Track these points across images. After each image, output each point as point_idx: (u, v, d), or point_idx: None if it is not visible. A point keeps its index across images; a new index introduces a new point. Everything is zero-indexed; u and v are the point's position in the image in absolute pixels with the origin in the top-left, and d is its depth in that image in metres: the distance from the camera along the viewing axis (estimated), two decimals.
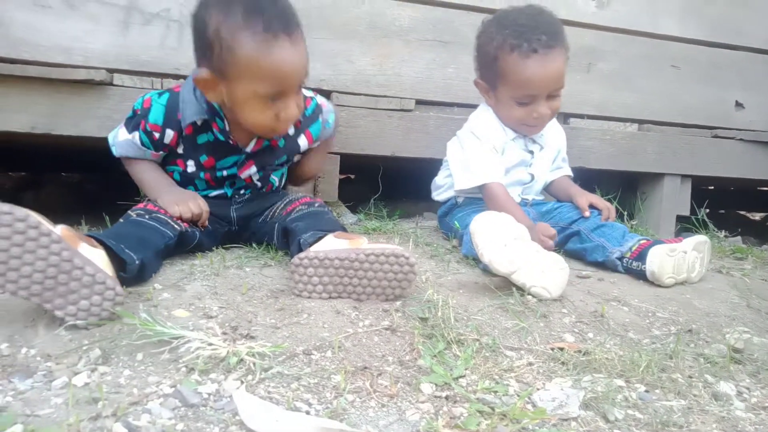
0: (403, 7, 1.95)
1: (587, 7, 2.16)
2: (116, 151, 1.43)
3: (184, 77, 1.72)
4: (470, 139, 1.68)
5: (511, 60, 1.56)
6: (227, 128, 1.34)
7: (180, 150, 1.40)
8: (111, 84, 1.65)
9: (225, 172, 1.43)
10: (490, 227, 1.22)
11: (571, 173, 1.89)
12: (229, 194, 1.48)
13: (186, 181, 1.46)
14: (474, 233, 1.22)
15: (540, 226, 1.49)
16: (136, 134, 1.36)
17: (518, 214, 1.53)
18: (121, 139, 1.40)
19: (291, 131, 1.45)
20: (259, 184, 1.50)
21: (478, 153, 1.65)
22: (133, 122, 1.37)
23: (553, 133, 1.83)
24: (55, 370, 0.81)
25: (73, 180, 3.19)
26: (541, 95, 1.60)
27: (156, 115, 1.33)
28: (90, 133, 1.62)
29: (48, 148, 2.33)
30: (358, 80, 1.92)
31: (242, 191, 1.49)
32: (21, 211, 0.89)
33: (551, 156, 1.83)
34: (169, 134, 1.35)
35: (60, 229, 0.95)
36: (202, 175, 1.44)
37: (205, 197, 1.41)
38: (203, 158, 1.40)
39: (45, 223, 0.92)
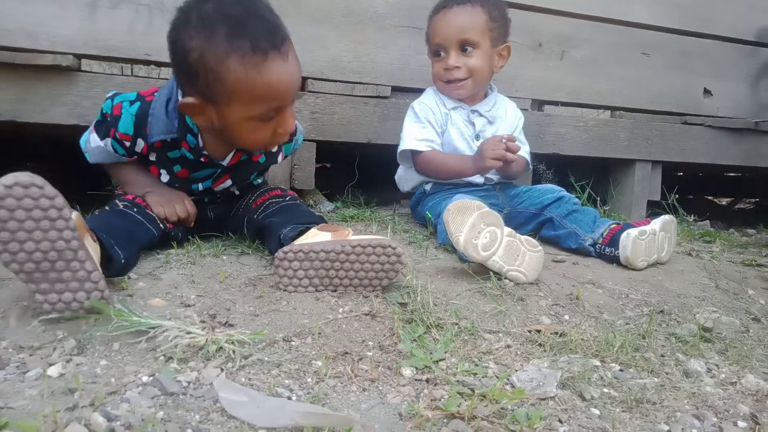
0: None
1: None
2: (90, 158, 1.35)
3: (155, 63, 1.68)
4: (408, 114, 1.78)
5: (433, 17, 1.72)
6: (200, 145, 1.26)
7: (152, 158, 1.31)
8: (79, 70, 1.60)
9: (200, 186, 1.36)
10: (462, 215, 1.23)
11: (526, 156, 1.83)
12: (206, 200, 1.44)
13: None
14: (447, 222, 1.23)
15: (484, 144, 1.57)
16: (108, 141, 1.28)
17: (457, 159, 1.67)
18: (94, 146, 1.32)
19: (274, 148, 1.39)
20: (237, 193, 1.46)
21: (408, 123, 1.75)
22: (104, 128, 1.28)
23: (508, 111, 1.84)
24: (28, 361, 0.79)
25: (41, 169, 3.10)
26: (448, 46, 1.68)
27: (126, 125, 1.24)
28: (58, 121, 1.58)
29: (13, 137, 2.26)
30: (333, 66, 1.91)
31: (219, 197, 1.45)
32: (51, 190, 0.85)
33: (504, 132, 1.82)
34: (140, 144, 1.26)
35: (75, 215, 0.91)
36: (177, 185, 1.36)
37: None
38: (177, 168, 1.32)
39: (67, 208, 0.87)
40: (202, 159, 1.29)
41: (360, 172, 2.10)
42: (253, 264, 1.25)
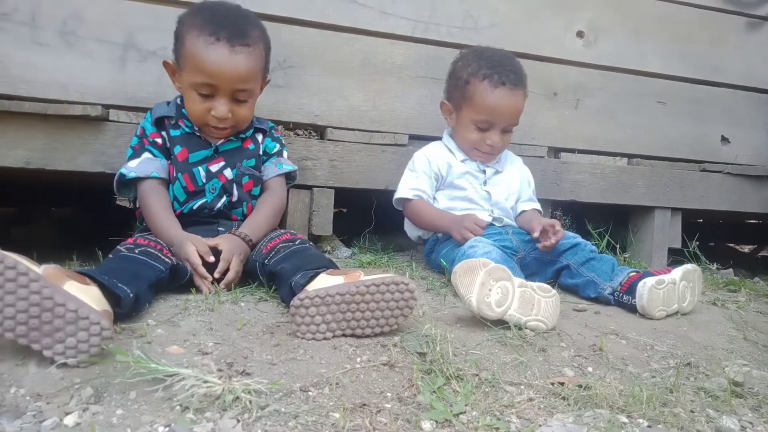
0: (395, 45, 2.00)
1: (575, 45, 2.22)
2: (135, 173, 1.45)
3: None
4: (406, 170, 1.85)
5: (481, 86, 1.73)
6: (195, 127, 1.50)
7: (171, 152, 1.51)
8: (107, 120, 1.66)
9: (200, 169, 1.50)
10: (470, 276, 1.21)
11: (539, 208, 1.93)
12: (210, 200, 1.50)
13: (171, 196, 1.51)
14: (456, 286, 1.22)
15: (466, 219, 1.61)
16: (146, 152, 1.48)
17: (438, 214, 1.73)
18: (134, 165, 1.46)
19: (259, 138, 1.62)
20: (234, 189, 1.53)
21: (404, 177, 1.83)
22: (138, 149, 1.49)
23: (514, 165, 1.93)
24: (45, 410, 0.79)
25: (64, 215, 3.17)
26: (498, 124, 1.74)
27: (149, 127, 1.51)
28: (84, 168, 1.63)
29: (40, 183, 2.33)
30: (352, 116, 1.95)
31: (223, 199, 1.52)
32: (10, 260, 0.89)
33: (510, 186, 1.86)
34: (164, 136, 1.50)
35: (43, 269, 0.95)
36: (181, 176, 1.48)
37: (189, 214, 1.49)
38: (177, 149, 1.49)
39: (23, 262, 0.91)
40: (197, 134, 1.51)
41: (376, 218, 2.11)
42: (270, 311, 1.25)
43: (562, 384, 1.01)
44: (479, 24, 2.08)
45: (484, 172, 1.83)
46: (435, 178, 1.81)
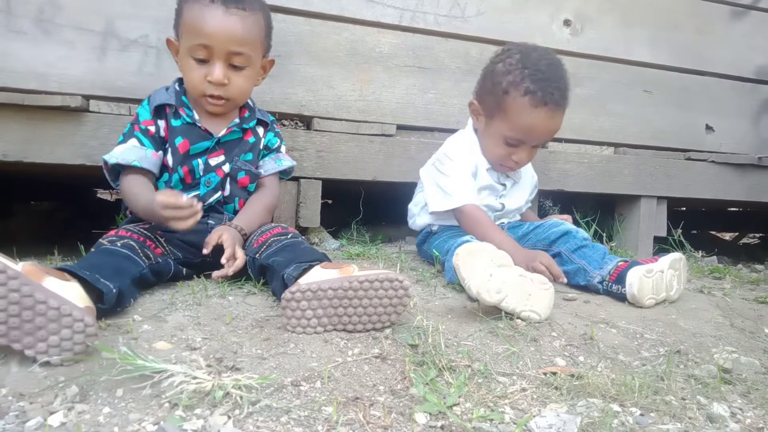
0: (383, 34, 1.97)
1: (562, 34, 2.22)
2: (116, 159, 1.37)
3: None
4: (446, 162, 1.69)
5: (520, 102, 1.55)
6: (195, 117, 1.46)
7: (167, 138, 1.45)
8: (87, 110, 1.61)
9: (200, 161, 1.46)
10: (473, 258, 1.21)
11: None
12: (203, 193, 1.46)
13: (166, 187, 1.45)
14: (458, 267, 1.21)
15: (540, 255, 1.48)
16: (133, 139, 1.40)
17: (499, 236, 1.54)
18: (119, 151, 1.38)
19: (260, 130, 1.57)
20: (227, 184, 1.49)
21: (453, 175, 1.65)
22: (127, 134, 1.42)
23: (527, 172, 1.87)
24: (28, 409, 0.76)
25: (44, 208, 3.10)
26: (529, 143, 1.63)
27: (144, 114, 1.43)
28: (64, 161, 1.58)
29: (18, 176, 2.27)
30: (339, 105, 1.93)
31: (217, 194, 1.48)
32: None
33: (523, 193, 1.85)
34: (161, 125, 1.44)
35: (21, 266, 0.92)
36: (180, 169, 1.43)
37: None
38: (179, 140, 1.44)
39: (0, 260, 0.88)
40: (199, 126, 1.46)
41: (364, 209, 2.10)
42: (259, 305, 1.23)
43: (554, 374, 1.01)
44: (466, 12, 2.07)
45: (504, 185, 1.77)
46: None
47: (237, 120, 1.51)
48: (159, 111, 1.44)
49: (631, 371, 1.05)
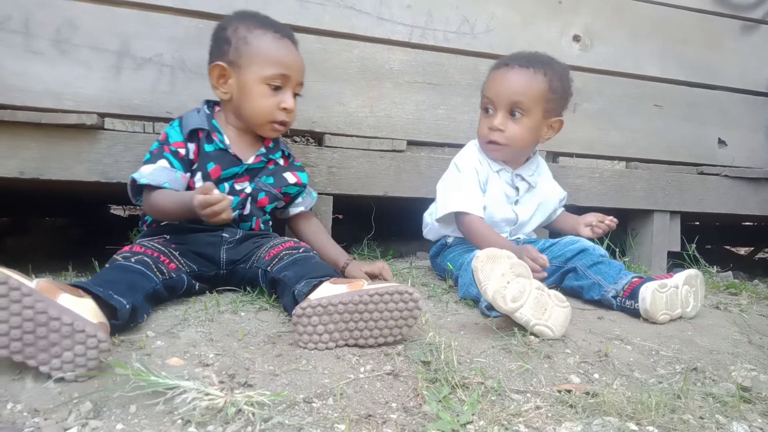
0: (393, 51, 1.99)
1: (571, 50, 2.22)
2: (146, 180, 1.36)
3: None
4: (451, 170, 1.72)
5: (493, 71, 1.69)
6: (226, 142, 1.48)
7: (196, 164, 1.47)
8: (102, 128, 1.64)
9: (226, 185, 1.49)
10: (492, 263, 1.20)
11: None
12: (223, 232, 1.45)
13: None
14: (476, 270, 1.20)
15: (527, 249, 1.46)
16: (163, 160, 1.41)
17: (502, 243, 1.53)
18: (148, 171, 1.38)
19: (281, 161, 1.59)
20: (248, 203, 1.51)
21: (455, 182, 1.68)
22: (156, 154, 1.42)
23: (547, 181, 1.85)
24: (43, 426, 0.77)
25: (58, 224, 3.14)
26: (499, 106, 1.63)
27: (175, 136, 1.45)
28: (80, 178, 1.60)
29: (34, 192, 2.30)
30: (350, 122, 1.94)
31: (235, 213, 1.47)
32: (1, 276, 0.87)
33: (541, 202, 1.81)
34: (191, 147, 1.45)
35: (35, 283, 0.92)
36: None
37: (198, 229, 1.42)
38: (210, 166, 1.46)
39: (14, 277, 0.89)
40: (230, 152, 1.48)
41: (375, 224, 2.10)
42: (271, 320, 1.23)
43: (569, 391, 0.99)
44: (476, 29, 2.08)
45: (517, 189, 1.74)
46: (482, 184, 1.70)
47: (264, 150, 1.54)
48: (192, 134, 1.46)
49: (648, 389, 1.03)
